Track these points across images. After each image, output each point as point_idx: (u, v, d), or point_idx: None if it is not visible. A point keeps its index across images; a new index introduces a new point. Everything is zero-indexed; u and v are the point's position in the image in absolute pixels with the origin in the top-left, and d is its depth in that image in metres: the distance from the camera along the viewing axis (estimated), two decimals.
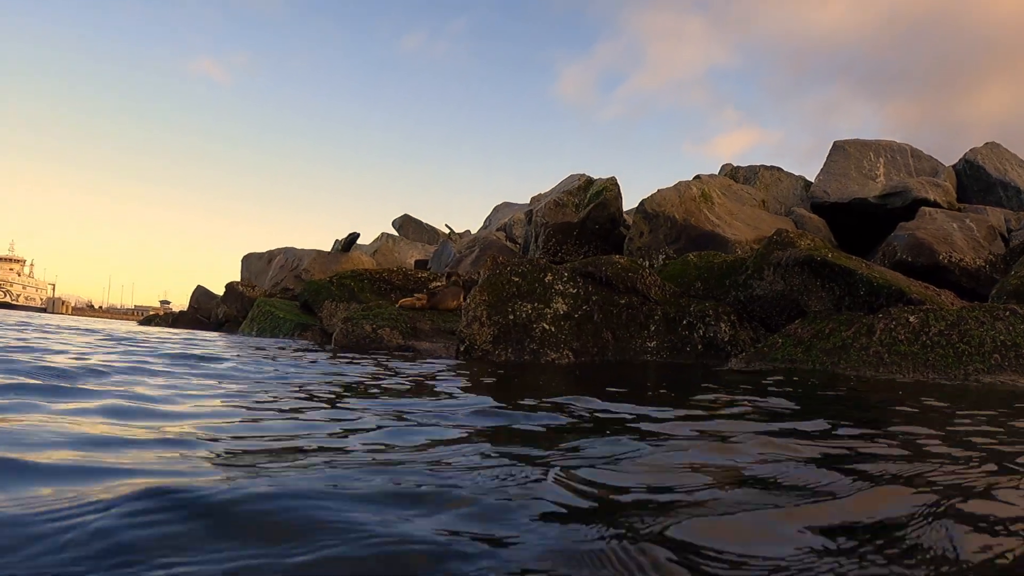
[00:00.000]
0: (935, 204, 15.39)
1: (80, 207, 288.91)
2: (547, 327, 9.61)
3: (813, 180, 17.69)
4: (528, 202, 27.63)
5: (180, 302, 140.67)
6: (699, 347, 9.85)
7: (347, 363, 7.84)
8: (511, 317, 9.68)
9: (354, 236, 27.11)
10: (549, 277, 10.02)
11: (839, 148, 17.31)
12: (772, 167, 18.52)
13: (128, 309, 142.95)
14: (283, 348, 10.96)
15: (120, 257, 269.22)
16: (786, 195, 17.92)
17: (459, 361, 9.08)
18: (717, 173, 19.49)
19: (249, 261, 33.52)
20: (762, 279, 10.22)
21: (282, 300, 20.19)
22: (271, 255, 31.93)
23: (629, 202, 17.94)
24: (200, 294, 48.66)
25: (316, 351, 10.23)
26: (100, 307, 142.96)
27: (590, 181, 17.02)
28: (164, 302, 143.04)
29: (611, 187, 16.47)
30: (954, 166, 18.03)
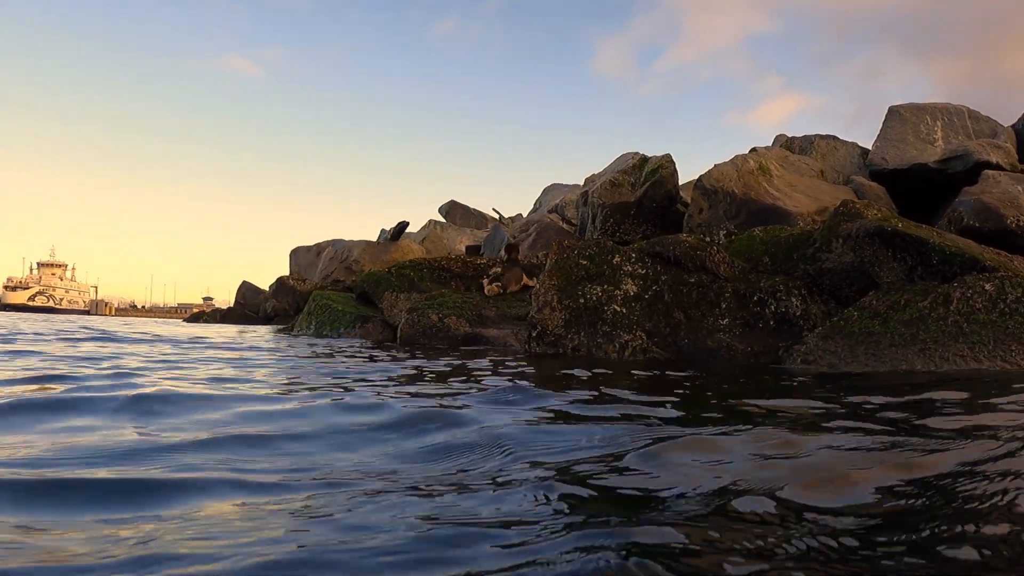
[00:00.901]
0: (997, 166, 15.32)
1: (119, 207, 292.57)
2: (618, 308, 9.81)
3: (870, 147, 17.69)
4: (577, 183, 27.80)
5: (222, 297, 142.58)
6: (771, 323, 9.98)
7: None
8: (581, 300, 9.89)
9: (403, 225, 27.43)
10: (617, 259, 10.20)
11: (895, 113, 17.26)
12: (827, 136, 18.51)
13: (171, 307, 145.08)
14: (396, 361, 10.25)
15: (161, 255, 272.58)
16: (843, 164, 17.91)
17: (602, 370, 9.15)
18: (771, 144, 19.51)
19: (297, 255, 34.03)
20: (831, 251, 10.31)
21: (336, 292, 20.48)
22: (319, 248, 32.40)
23: (679, 177, 18.01)
24: (246, 289, 49.45)
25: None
26: (143, 307, 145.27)
27: (644, 159, 17.15)
28: (207, 298, 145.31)
29: (667, 164, 16.59)
30: (1013, 126, 17.89)
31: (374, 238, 33.67)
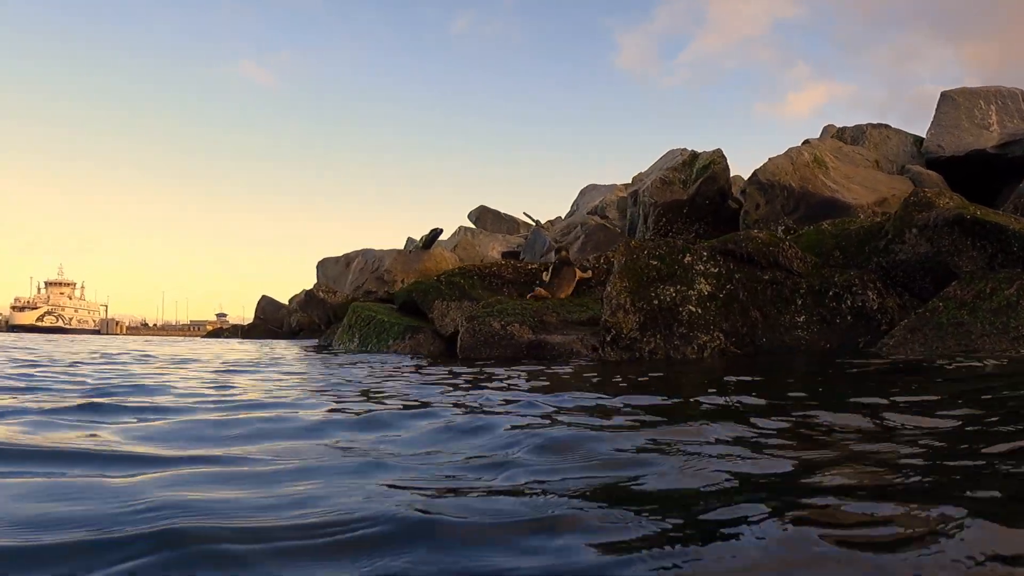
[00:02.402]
0: None
1: (129, 222, 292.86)
2: (693, 309, 9.96)
3: (922, 135, 17.83)
4: (614, 182, 28.00)
5: (236, 313, 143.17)
6: (848, 318, 10.12)
7: None
8: (655, 302, 10.05)
9: (437, 232, 27.58)
10: (688, 258, 10.37)
11: (948, 98, 17.39)
12: (879, 125, 18.63)
13: (183, 325, 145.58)
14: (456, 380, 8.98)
15: (172, 271, 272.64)
16: (896, 153, 18.03)
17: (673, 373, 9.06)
18: (820, 135, 19.68)
19: (325, 266, 34.26)
20: (904, 242, 10.43)
21: (376, 303, 20.67)
22: (348, 258, 32.62)
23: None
24: (266, 304, 49.83)
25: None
26: (155, 324, 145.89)
27: (694, 155, 17.31)
28: (220, 315, 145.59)
29: (718, 160, 16.76)
30: None
31: (401, 246, 33.90)
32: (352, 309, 19.02)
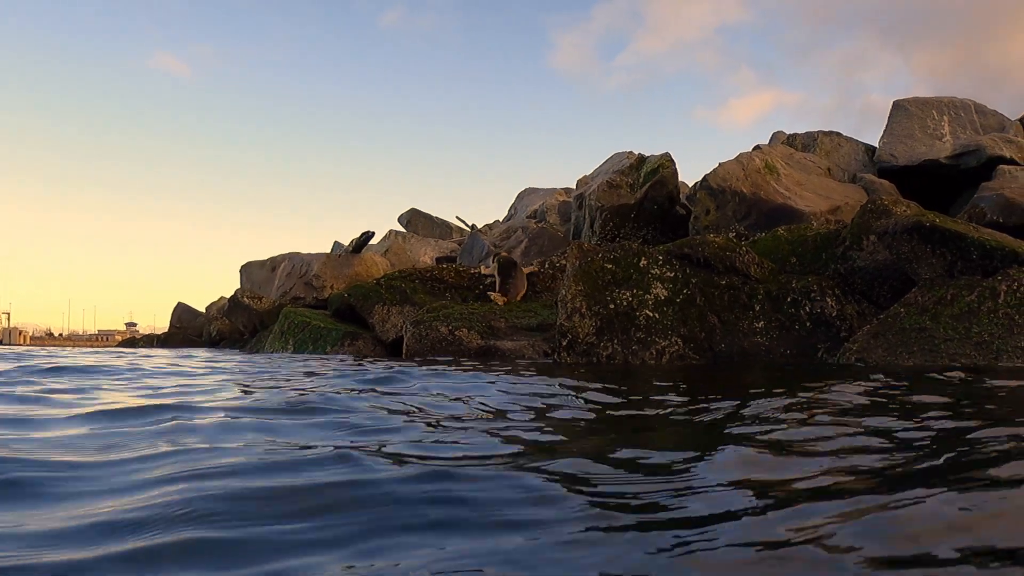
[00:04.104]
0: (1011, 161, 15.92)
1: (31, 228, 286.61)
2: (650, 314, 10.11)
3: (873, 144, 18.29)
4: (553, 186, 28.20)
5: (147, 323, 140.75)
6: (807, 324, 10.34)
7: None
8: (611, 306, 10.18)
9: (368, 236, 27.42)
10: (644, 261, 10.51)
11: (900, 108, 17.84)
12: (831, 132, 19.05)
13: (91, 335, 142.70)
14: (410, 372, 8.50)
15: (79, 278, 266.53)
16: (847, 161, 18.44)
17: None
18: (769, 141, 20.04)
19: (249, 270, 33.82)
20: (861, 249, 10.71)
21: (309, 309, 20.54)
22: (274, 262, 32.28)
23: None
24: (182, 311, 49.03)
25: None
26: (60, 334, 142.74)
27: (642, 159, 17.51)
28: (130, 324, 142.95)
29: (667, 164, 16.97)
30: (1021, 119, 18.57)
31: (327, 251, 33.69)
32: (284, 315, 18.88)
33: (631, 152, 17.92)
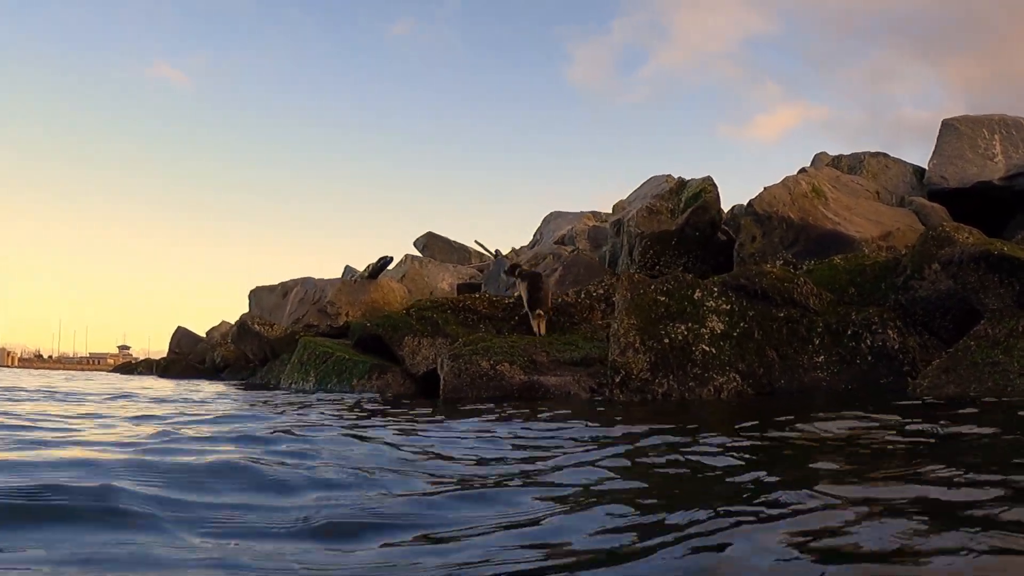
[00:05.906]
0: None
1: (20, 245, 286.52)
2: (707, 348, 10.17)
3: (923, 165, 18.38)
4: (578, 210, 28.31)
5: (141, 346, 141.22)
6: (868, 358, 10.38)
7: None
8: (666, 341, 10.23)
9: (386, 261, 27.54)
10: (698, 293, 10.58)
11: (949, 127, 17.90)
12: (878, 153, 19.16)
13: (82, 357, 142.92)
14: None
15: (71, 299, 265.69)
16: (895, 183, 18.52)
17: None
18: (811, 163, 20.18)
19: (259, 296, 33.95)
20: (923, 279, 10.76)
21: (329, 339, 20.55)
22: (285, 288, 32.41)
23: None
24: (182, 336, 49.29)
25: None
26: (50, 357, 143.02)
27: (682, 183, 17.61)
28: (123, 347, 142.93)
29: (709, 188, 17.05)
30: None
31: (337, 275, 33.82)
32: (303, 345, 18.83)
33: (670, 176, 18.03)
